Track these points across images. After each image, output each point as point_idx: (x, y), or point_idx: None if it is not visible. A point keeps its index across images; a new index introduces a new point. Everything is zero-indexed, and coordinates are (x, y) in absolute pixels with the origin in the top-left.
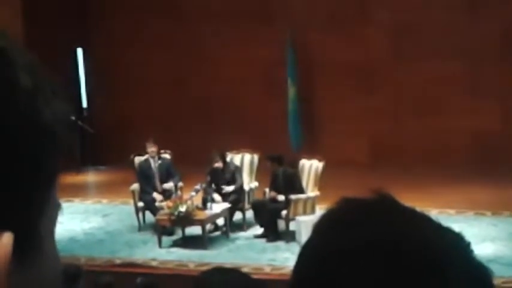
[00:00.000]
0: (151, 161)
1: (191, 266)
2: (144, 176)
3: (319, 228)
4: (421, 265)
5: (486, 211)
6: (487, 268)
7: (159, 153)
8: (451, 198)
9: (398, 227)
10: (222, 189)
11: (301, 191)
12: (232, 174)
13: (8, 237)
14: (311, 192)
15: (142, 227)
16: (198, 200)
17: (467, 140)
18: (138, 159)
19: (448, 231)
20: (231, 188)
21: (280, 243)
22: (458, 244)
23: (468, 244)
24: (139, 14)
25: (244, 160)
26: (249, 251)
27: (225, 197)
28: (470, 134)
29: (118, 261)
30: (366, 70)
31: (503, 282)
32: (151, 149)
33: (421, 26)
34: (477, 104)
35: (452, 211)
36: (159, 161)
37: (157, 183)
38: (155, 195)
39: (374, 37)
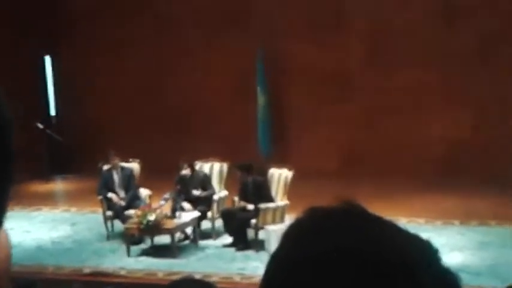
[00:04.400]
0: (114, 172)
1: (160, 275)
2: (106, 185)
3: (287, 237)
4: (389, 270)
5: (455, 220)
6: (455, 274)
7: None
8: (420, 207)
9: (366, 234)
10: (191, 196)
11: (270, 199)
12: (202, 182)
13: (4, 233)
14: (280, 201)
15: (111, 236)
16: (167, 208)
17: (439, 149)
18: (106, 167)
19: (416, 238)
20: (199, 193)
21: (250, 252)
22: (426, 250)
23: (436, 250)
24: (108, 22)
25: (213, 169)
26: (219, 260)
27: (194, 202)
28: (442, 143)
29: (87, 270)
30: (339, 78)
31: None
32: (113, 161)
33: (396, 34)
34: (451, 113)
35: (421, 220)
36: (122, 172)
37: (119, 193)
38: (110, 195)
39: (348, 45)
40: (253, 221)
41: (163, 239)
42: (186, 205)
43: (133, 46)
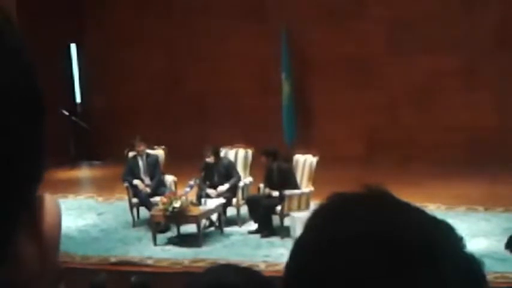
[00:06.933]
0: (139, 158)
1: (186, 262)
2: (132, 173)
3: (311, 222)
4: (414, 255)
5: (479, 206)
6: (478, 260)
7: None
8: (444, 193)
9: (390, 218)
10: (216, 185)
11: (295, 186)
12: (226, 169)
13: (52, 197)
14: (305, 187)
15: (136, 223)
16: (192, 195)
17: (463, 135)
18: (132, 154)
19: (441, 223)
20: (225, 187)
21: (275, 239)
22: (450, 236)
23: (460, 237)
24: (133, 9)
25: (238, 155)
26: (244, 247)
27: (220, 194)
28: (466, 128)
29: (113, 259)
30: (361, 64)
31: (497, 277)
32: (139, 147)
33: (416, 20)
34: (473, 99)
35: (445, 206)
36: (147, 159)
37: (145, 180)
38: (136, 181)
39: (370, 31)
40: (278, 207)
41: (189, 228)
42: (212, 191)
43: (158, 33)
